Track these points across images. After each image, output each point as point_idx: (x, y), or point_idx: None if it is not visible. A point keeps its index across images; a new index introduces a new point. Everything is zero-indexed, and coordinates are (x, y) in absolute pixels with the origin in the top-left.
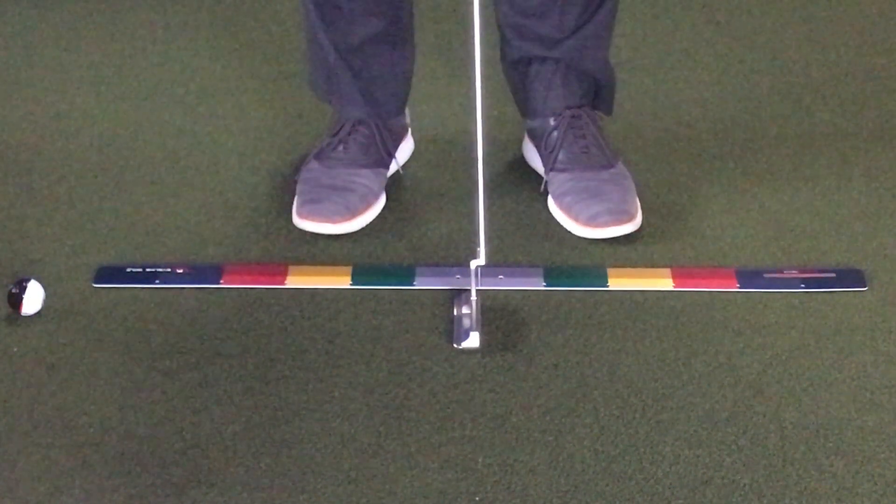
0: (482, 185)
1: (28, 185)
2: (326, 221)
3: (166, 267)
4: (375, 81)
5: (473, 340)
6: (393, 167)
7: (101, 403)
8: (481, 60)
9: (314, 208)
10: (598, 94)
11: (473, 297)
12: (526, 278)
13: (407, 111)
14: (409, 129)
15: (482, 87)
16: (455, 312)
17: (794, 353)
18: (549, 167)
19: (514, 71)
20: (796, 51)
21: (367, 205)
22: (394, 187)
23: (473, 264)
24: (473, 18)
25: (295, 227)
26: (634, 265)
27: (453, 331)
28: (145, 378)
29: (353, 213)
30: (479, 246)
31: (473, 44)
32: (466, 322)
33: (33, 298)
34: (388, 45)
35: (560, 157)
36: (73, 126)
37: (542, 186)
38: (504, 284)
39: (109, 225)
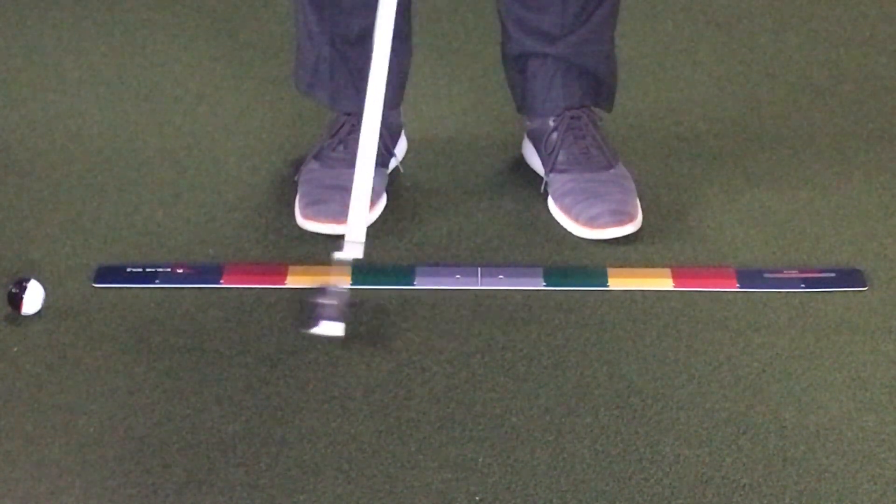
0: None
1: (28, 185)
2: (332, 222)
3: (166, 267)
4: None
5: (335, 329)
6: (392, 164)
7: (101, 403)
8: (481, 58)
9: (319, 209)
10: (598, 90)
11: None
12: (526, 278)
13: (401, 109)
14: (403, 129)
15: (481, 88)
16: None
17: (794, 353)
18: (549, 168)
19: (514, 67)
20: (796, 51)
21: (371, 204)
22: (394, 187)
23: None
24: None
25: (295, 227)
26: (634, 265)
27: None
28: (145, 378)
29: None
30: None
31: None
32: (330, 311)
33: (33, 298)
34: None
35: (560, 158)
36: (73, 126)
37: (543, 187)
38: (504, 284)
39: (109, 225)
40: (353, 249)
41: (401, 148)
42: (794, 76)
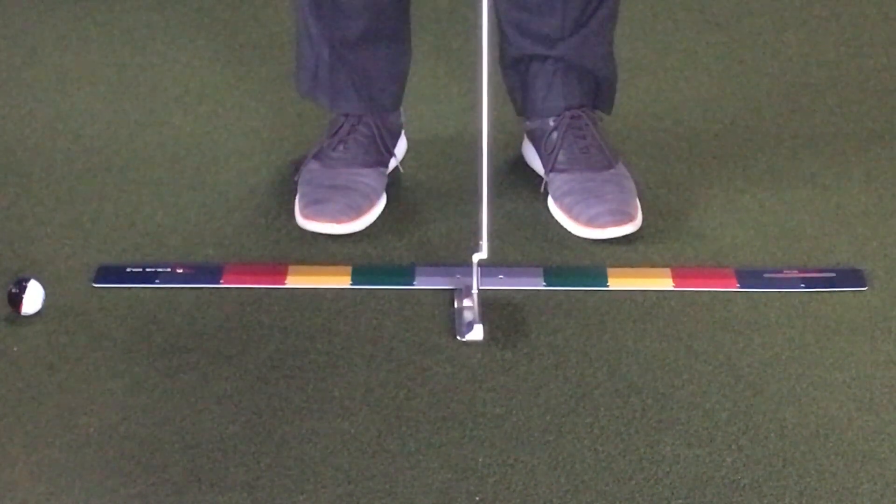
0: (486, 179)
1: (28, 185)
2: (331, 222)
3: (166, 267)
4: (371, 77)
5: (477, 333)
6: (392, 164)
7: (101, 403)
8: (481, 58)
9: (318, 209)
10: (598, 91)
11: (475, 290)
12: (526, 278)
13: (402, 109)
14: (403, 128)
15: (481, 88)
16: (456, 306)
17: (794, 353)
18: (549, 168)
19: (514, 70)
20: (796, 51)
21: (371, 204)
22: (394, 187)
23: (475, 258)
24: (481, 12)
25: (295, 227)
26: (634, 265)
27: (455, 325)
28: (145, 378)
29: (357, 212)
30: (481, 240)
31: (480, 33)
32: (469, 315)
33: (33, 298)
34: (384, 39)
35: (560, 157)
36: (73, 126)
37: (542, 187)
38: (504, 284)
39: (109, 225)
40: None
41: (401, 148)
42: (794, 76)
